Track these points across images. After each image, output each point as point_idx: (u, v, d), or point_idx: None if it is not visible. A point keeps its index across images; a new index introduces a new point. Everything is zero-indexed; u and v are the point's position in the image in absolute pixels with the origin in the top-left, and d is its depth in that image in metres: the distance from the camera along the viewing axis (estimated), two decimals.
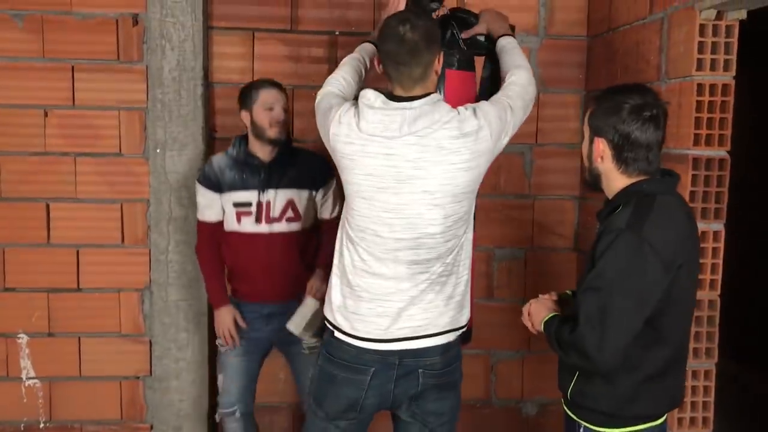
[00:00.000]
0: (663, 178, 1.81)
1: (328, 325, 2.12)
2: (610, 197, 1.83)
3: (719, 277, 2.32)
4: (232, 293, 2.77)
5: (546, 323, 1.88)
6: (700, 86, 2.25)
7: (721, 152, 2.29)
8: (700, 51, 2.25)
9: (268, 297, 2.69)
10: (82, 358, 3.05)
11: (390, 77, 1.98)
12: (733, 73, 2.27)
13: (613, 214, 1.77)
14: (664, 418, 1.87)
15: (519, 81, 2.11)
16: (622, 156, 1.75)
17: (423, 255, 2.00)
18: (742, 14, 2.20)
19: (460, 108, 1.97)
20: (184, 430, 3.08)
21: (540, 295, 2.05)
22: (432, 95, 1.95)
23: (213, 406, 3.17)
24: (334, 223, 2.61)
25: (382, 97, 1.95)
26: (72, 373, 3.05)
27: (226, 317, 2.68)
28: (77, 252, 3.00)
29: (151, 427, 3.10)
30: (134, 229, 3.02)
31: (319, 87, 3.02)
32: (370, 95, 1.96)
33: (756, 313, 4.16)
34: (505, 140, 2.05)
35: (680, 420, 2.35)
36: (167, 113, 2.95)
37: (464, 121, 1.93)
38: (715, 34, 2.25)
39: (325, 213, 2.78)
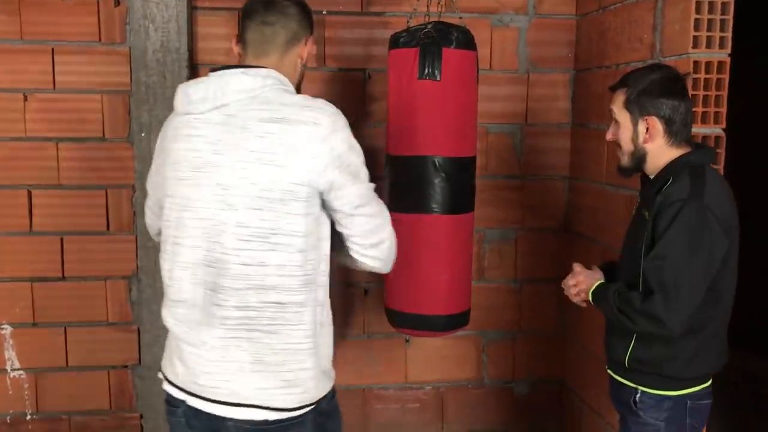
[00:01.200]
0: (706, 149, 1.93)
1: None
2: (653, 173, 1.89)
3: None
4: None
5: (595, 292, 1.93)
6: (696, 64, 2.25)
7: (716, 130, 2.29)
8: (696, 28, 2.25)
9: None
10: (69, 348, 2.98)
11: (248, 47, 1.68)
12: (728, 50, 2.27)
13: (666, 187, 1.82)
14: (711, 380, 1.95)
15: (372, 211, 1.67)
16: (672, 129, 1.83)
17: (222, 282, 1.54)
18: None
19: (311, 100, 1.59)
20: None
21: (580, 269, 2.03)
22: (269, 70, 1.59)
23: None
24: None
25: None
26: (58, 364, 2.98)
27: None
28: (61, 240, 2.93)
29: (141, 416, 3.05)
30: (120, 216, 2.95)
31: (308, 68, 3.00)
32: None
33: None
34: (338, 181, 1.56)
35: None
36: (152, 96, 2.87)
37: (281, 105, 1.53)
38: (711, 11, 2.24)
39: None
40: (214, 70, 1.65)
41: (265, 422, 1.57)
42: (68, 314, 2.96)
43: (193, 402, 1.63)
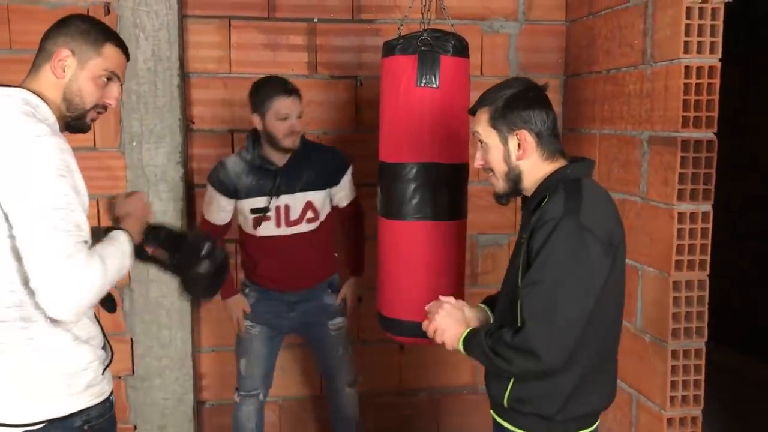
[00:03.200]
0: (582, 162, 1.71)
1: None
2: (531, 191, 1.69)
3: (708, 257, 2.36)
4: (255, 281, 2.75)
5: (466, 340, 1.69)
6: (687, 69, 2.27)
7: (708, 134, 2.31)
8: (687, 34, 2.27)
9: (291, 288, 2.70)
10: None
11: None
12: (719, 55, 2.29)
13: (542, 205, 1.63)
14: (597, 423, 1.74)
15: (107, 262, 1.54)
16: (543, 141, 1.65)
17: None
18: None
19: (24, 117, 1.48)
20: (169, 429, 3.01)
21: (442, 299, 1.82)
22: (10, 88, 1.56)
23: (199, 402, 3.11)
24: (351, 209, 2.73)
25: None
26: None
27: (234, 308, 2.75)
28: None
29: (135, 428, 3.02)
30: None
31: (299, 76, 3.00)
32: None
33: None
34: (25, 225, 1.43)
35: (672, 399, 2.39)
36: (143, 105, 2.85)
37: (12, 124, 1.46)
38: (701, 17, 2.27)
39: (343, 201, 2.74)
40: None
41: None
42: None
43: None
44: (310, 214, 2.62)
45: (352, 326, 3.16)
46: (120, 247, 1.64)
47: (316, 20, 3.00)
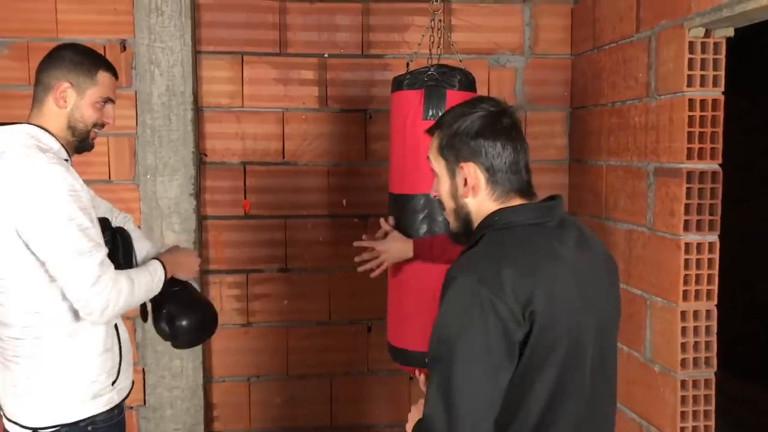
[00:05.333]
0: (522, 206, 1.39)
1: None
2: None
3: (715, 287, 2.37)
4: None
5: (414, 429, 1.40)
6: (691, 102, 2.31)
7: (713, 165, 2.34)
8: (690, 67, 2.31)
9: None
10: None
11: None
12: (722, 88, 2.33)
13: None
14: None
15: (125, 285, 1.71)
16: (496, 178, 1.38)
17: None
18: (730, 32, 2.27)
19: (29, 151, 1.66)
20: None
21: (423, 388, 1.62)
22: (20, 125, 1.73)
23: None
24: None
25: None
26: None
27: None
28: None
29: None
30: None
31: (310, 109, 3.07)
32: None
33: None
34: (48, 254, 1.63)
35: (683, 429, 2.39)
36: (157, 139, 2.92)
37: (14, 162, 1.63)
38: (704, 51, 2.31)
39: None
40: None
41: None
42: None
43: None
44: None
45: (362, 357, 3.18)
46: (154, 275, 1.83)
47: (326, 55, 3.07)
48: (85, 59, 1.80)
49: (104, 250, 1.68)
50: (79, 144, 1.83)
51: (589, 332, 1.34)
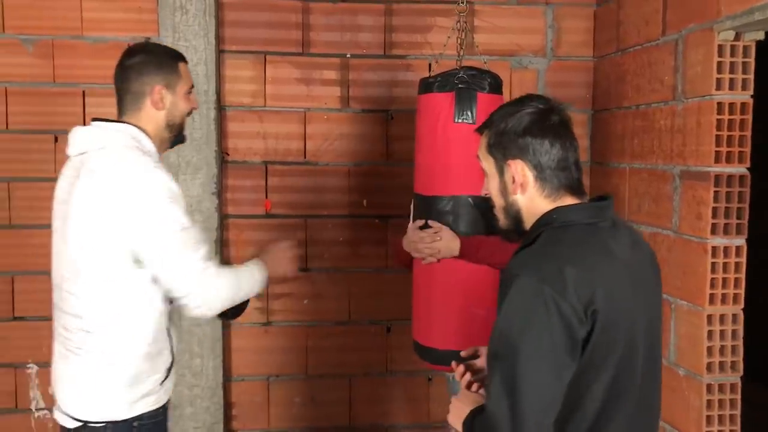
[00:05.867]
0: (580, 205, 1.40)
1: None
2: None
3: (742, 291, 2.36)
4: None
5: (464, 423, 1.41)
6: (719, 105, 2.31)
7: (741, 169, 2.34)
8: (719, 71, 2.30)
9: None
10: None
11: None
12: (751, 91, 2.33)
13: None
14: None
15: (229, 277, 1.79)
16: (544, 176, 1.39)
17: (62, 303, 1.78)
18: (760, 35, 2.26)
19: (132, 153, 1.73)
20: None
21: (462, 381, 1.61)
22: (125, 125, 1.80)
23: None
24: None
25: None
26: None
27: None
28: None
29: None
30: None
31: (332, 110, 3.07)
32: None
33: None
34: (148, 232, 1.68)
35: None
36: None
37: (97, 161, 1.70)
38: (732, 54, 2.31)
39: None
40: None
41: None
42: None
43: None
44: None
45: (380, 357, 3.18)
46: (255, 275, 1.89)
47: (349, 56, 3.08)
48: (164, 57, 1.87)
49: (207, 246, 1.77)
50: (175, 138, 1.92)
51: (641, 332, 1.35)
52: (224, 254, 3.04)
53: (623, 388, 1.32)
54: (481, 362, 1.63)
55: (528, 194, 1.41)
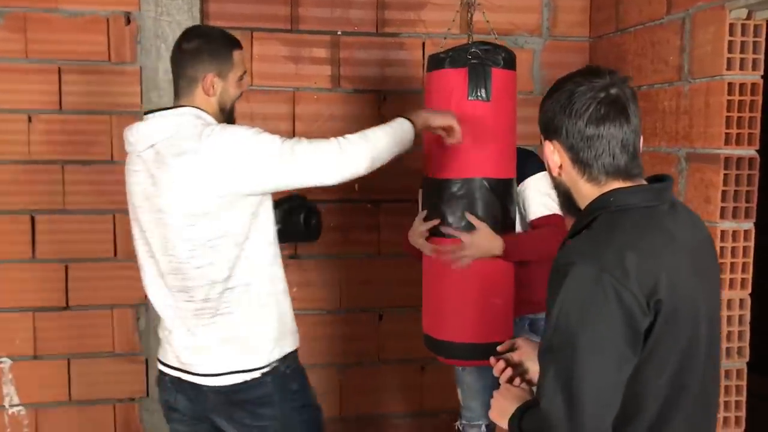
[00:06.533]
0: (639, 188, 1.30)
1: None
2: None
3: (749, 276, 2.33)
4: None
5: (511, 420, 1.34)
6: (730, 85, 2.25)
7: (750, 151, 2.29)
8: (730, 50, 2.25)
9: None
10: (72, 382, 2.83)
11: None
12: (761, 72, 2.28)
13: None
14: None
15: (350, 138, 1.85)
16: (582, 159, 1.29)
17: (181, 281, 1.85)
18: None
19: (212, 126, 1.79)
20: None
21: (501, 377, 1.54)
22: (185, 108, 1.85)
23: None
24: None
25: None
26: (61, 398, 2.83)
27: None
28: (66, 267, 2.79)
29: None
30: (128, 241, 2.72)
31: (322, 89, 2.95)
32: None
33: None
34: (267, 176, 1.78)
35: None
36: None
37: (192, 140, 1.77)
38: (743, 33, 2.25)
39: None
40: None
41: None
42: (72, 345, 2.82)
43: None
44: None
45: (373, 346, 3.09)
46: (397, 130, 1.92)
47: (339, 33, 2.95)
48: (220, 46, 1.91)
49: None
50: (227, 121, 1.93)
51: (703, 322, 1.27)
52: None
53: (685, 384, 1.24)
54: (518, 356, 1.55)
55: (569, 176, 1.33)
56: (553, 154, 1.33)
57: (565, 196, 1.37)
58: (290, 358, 1.94)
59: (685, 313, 1.22)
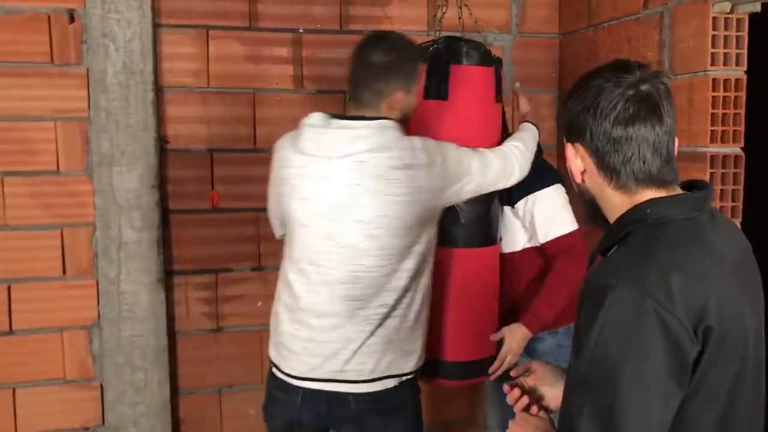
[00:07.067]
0: (679, 196, 1.18)
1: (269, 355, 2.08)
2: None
3: None
4: None
5: None
6: (715, 81, 2.18)
7: (735, 149, 2.22)
8: (714, 45, 2.18)
9: None
10: (18, 413, 2.59)
11: (349, 93, 1.96)
12: (745, 67, 2.21)
13: (603, 259, 1.20)
14: None
15: (514, 151, 2.06)
16: (607, 164, 1.17)
17: (360, 290, 1.86)
18: (756, 7, 2.14)
19: (415, 139, 1.86)
20: None
21: (516, 405, 1.42)
22: (382, 120, 1.84)
23: None
24: None
25: (325, 116, 1.90)
26: (5, 431, 2.60)
27: None
28: (8, 288, 2.55)
29: None
30: (78, 258, 2.60)
31: (284, 90, 2.78)
32: (313, 115, 1.91)
33: None
34: (466, 188, 1.92)
35: None
36: (113, 123, 2.56)
37: (408, 151, 1.81)
38: (726, 28, 2.18)
39: None
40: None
41: None
42: (17, 373, 2.58)
43: None
44: None
45: None
46: (531, 132, 2.24)
47: (301, 31, 2.79)
48: (411, 62, 1.91)
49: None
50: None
51: (750, 343, 1.14)
52: (166, 254, 2.70)
53: (734, 416, 1.11)
54: (532, 380, 1.42)
55: (595, 183, 1.21)
56: (576, 158, 1.22)
57: (589, 204, 1.25)
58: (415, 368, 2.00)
59: (734, 338, 1.10)
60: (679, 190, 1.19)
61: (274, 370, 2.02)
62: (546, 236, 2.11)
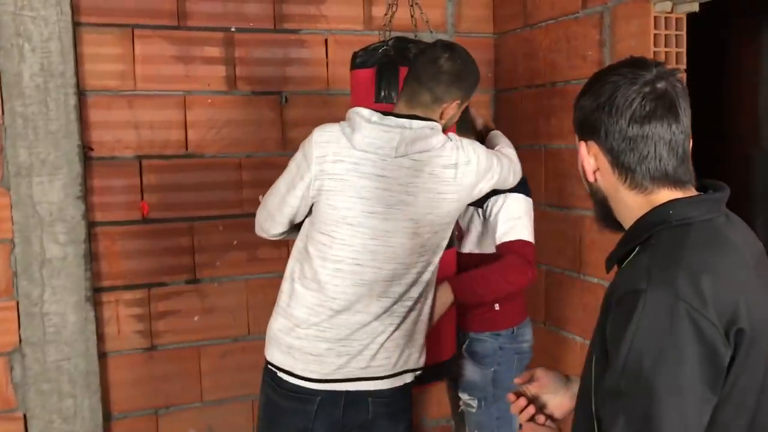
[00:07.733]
0: (700, 196, 1.15)
1: (272, 363, 1.94)
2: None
3: None
4: None
5: None
6: None
7: None
8: (656, 44, 2.21)
9: None
10: None
11: (403, 91, 1.89)
12: (684, 65, 2.26)
13: (626, 263, 1.14)
14: None
15: (510, 154, 2.11)
16: (623, 163, 1.13)
17: (397, 287, 1.87)
18: (694, 6, 2.19)
19: (454, 136, 1.89)
20: None
21: (521, 415, 1.38)
22: (434, 122, 1.85)
23: None
24: None
25: (378, 113, 1.80)
26: None
27: None
28: None
29: None
30: None
31: (217, 92, 2.64)
32: (364, 111, 1.81)
33: None
34: (489, 183, 1.95)
35: None
36: (32, 130, 2.36)
37: (455, 150, 1.84)
38: (667, 27, 2.23)
39: None
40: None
41: None
42: None
43: None
44: None
45: None
46: (503, 136, 2.26)
47: (233, 30, 2.66)
48: (475, 78, 1.94)
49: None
50: None
51: None
52: (94, 268, 2.51)
53: (761, 421, 1.08)
54: (535, 388, 1.37)
55: (608, 182, 1.16)
56: (589, 156, 1.17)
57: (601, 204, 1.20)
58: None
59: (763, 340, 1.06)
60: (694, 191, 1.16)
61: (284, 376, 1.90)
62: (503, 237, 2.09)
